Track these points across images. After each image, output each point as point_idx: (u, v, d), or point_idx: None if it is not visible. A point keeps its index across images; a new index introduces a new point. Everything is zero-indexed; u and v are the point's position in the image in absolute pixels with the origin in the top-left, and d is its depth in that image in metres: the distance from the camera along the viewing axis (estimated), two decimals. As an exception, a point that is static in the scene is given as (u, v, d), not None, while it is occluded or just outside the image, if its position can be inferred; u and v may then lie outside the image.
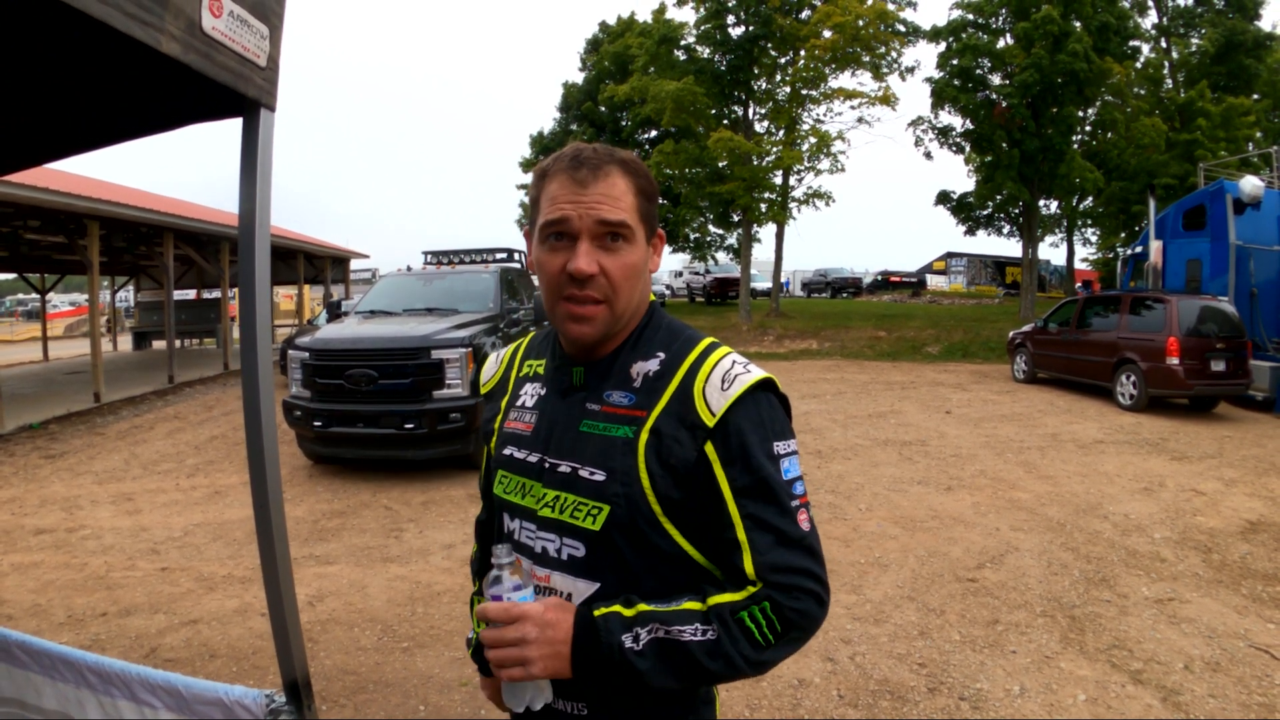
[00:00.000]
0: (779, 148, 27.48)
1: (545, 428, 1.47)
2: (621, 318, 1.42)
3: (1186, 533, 6.82)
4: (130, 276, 30.49)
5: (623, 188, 1.39)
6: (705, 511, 1.35)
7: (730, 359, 1.40)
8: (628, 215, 1.38)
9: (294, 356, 9.29)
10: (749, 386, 1.35)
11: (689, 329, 1.50)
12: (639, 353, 1.45)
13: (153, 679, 1.83)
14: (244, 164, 1.55)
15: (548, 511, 1.41)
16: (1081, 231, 39.43)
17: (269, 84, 1.54)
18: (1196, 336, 12.72)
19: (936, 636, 4.84)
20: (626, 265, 1.39)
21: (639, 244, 1.42)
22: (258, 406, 1.56)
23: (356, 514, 7.60)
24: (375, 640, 4.89)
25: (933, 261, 58.34)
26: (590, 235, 1.37)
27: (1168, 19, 31.78)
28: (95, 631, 5.08)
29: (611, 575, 1.36)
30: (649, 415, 1.37)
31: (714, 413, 1.33)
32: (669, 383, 1.39)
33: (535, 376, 1.57)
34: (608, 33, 38.26)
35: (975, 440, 10.66)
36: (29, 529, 7.33)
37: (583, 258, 1.36)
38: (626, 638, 1.27)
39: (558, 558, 1.40)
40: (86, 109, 1.90)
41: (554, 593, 1.39)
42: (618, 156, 1.42)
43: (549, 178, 1.42)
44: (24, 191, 12.06)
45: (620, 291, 1.39)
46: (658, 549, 1.36)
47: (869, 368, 20.27)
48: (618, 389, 1.42)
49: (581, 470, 1.38)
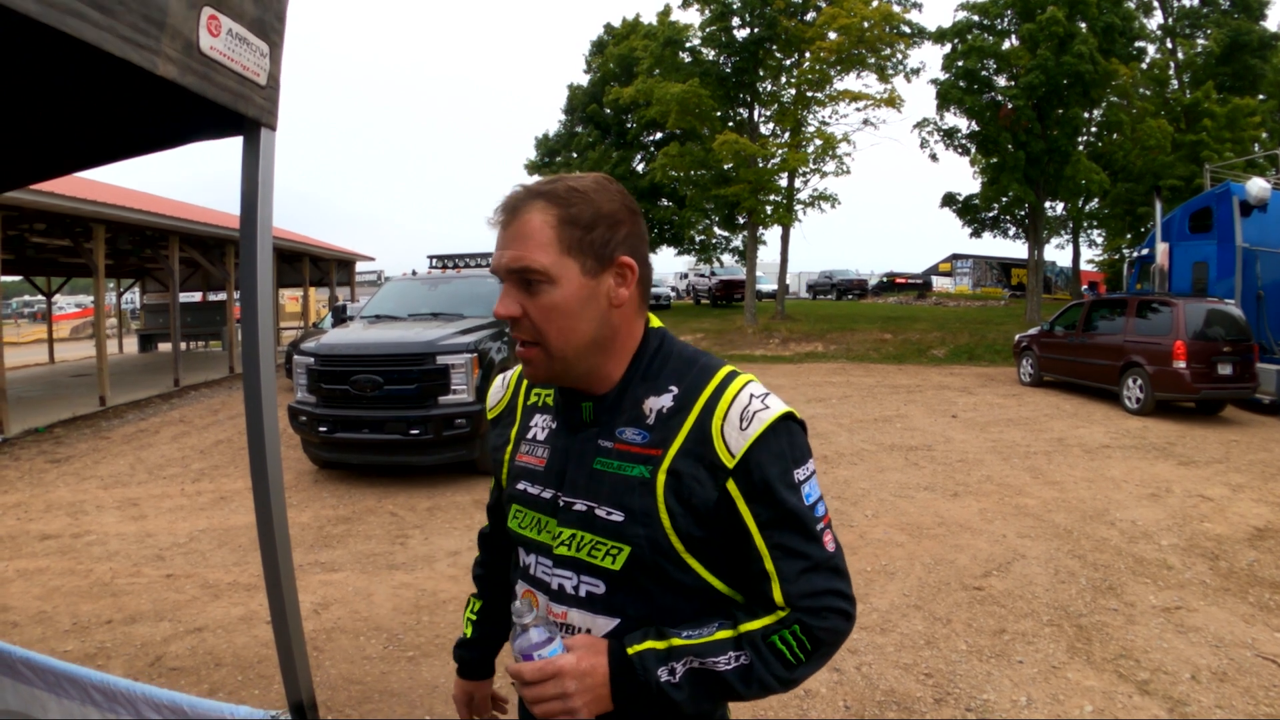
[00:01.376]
0: (784, 150, 27.47)
1: (558, 463, 1.44)
2: (567, 359, 1.36)
3: (1194, 539, 6.78)
4: (136, 279, 30.54)
5: (537, 224, 1.33)
6: (730, 545, 1.34)
7: (747, 393, 1.34)
8: (539, 254, 1.31)
9: (299, 362, 9.28)
10: (769, 425, 1.31)
11: (703, 356, 1.44)
12: (649, 385, 1.40)
13: (157, 698, 1.83)
14: (244, 184, 1.54)
15: (564, 550, 1.38)
16: (1087, 233, 39.33)
17: (269, 103, 1.53)
18: (1203, 340, 12.67)
19: (943, 646, 4.82)
20: (544, 307, 1.33)
21: (566, 281, 1.33)
22: (262, 433, 1.55)
23: (362, 520, 7.59)
24: (381, 649, 4.88)
25: (938, 263, 58.28)
26: (508, 279, 1.36)
27: (1173, 19, 31.78)
28: (100, 639, 5.06)
29: (633, 609, 1.35)
30: (665, 454, 1.33)
31: (734, 454, 1.30)
32: (684, 420, 1.34)
33: (545, 407, 1.53)
34: (613, 35, 38.26)
35: (981, 445, 10.63)
36: (34, 534, 7.33)
37: (500, 302, 1.36)
38: (662, 672, 1.27)
39: (575, 594, 1.38)
40: (85, 129, 1.90)
41: (572, 629, 1.37)
42: (543, 190, 1.36)
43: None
44: (30, 195, 12.08)
45: (547, 333, 1.34)
46: (680, 583, 1.35)
47: (875, 370, 20.24)
48: (630, 425, 1.38)
49: (598, 509, 1.35)
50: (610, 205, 1.37)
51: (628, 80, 31.76)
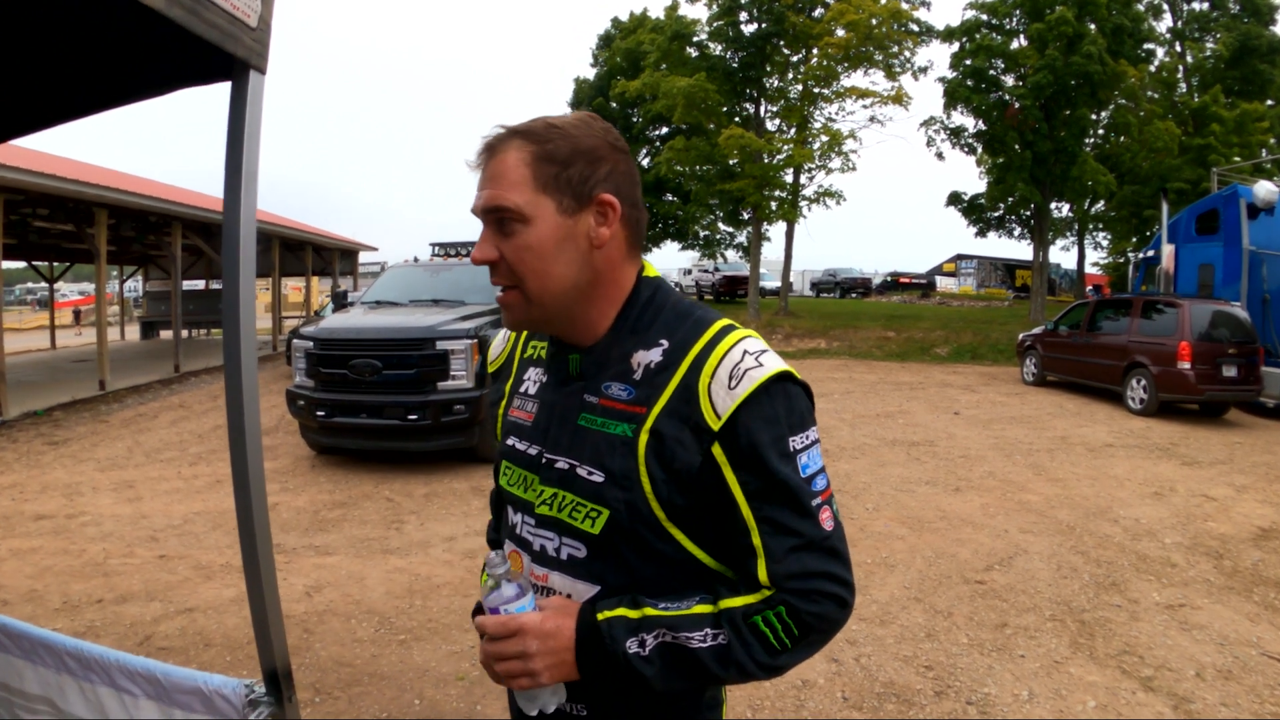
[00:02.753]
0: (790, 146, 27.34)
1: (544, 418, 1.37)
2: (545, 304, 1.29)
3: (1197, 538, 6.72)
4: (139, 266, 30.51)
5: (511, 162, 1.26)
6: (715, 516, 1.24)
7: (740, 349, 1.24)
8: (510, 192, 1.25)
9: (298, 346, 9.24)
10: (760, 384, 1.21)
11: (699, 308, 1.34)
12: (639, 338, 1.31)
13: (131, 665, 1.77)
14: (230, 131, 1.47)
15: (545, 509, 1.31)
16: (1092, 235, 39.19)
17: (259, 45, 1.45)
18: (1208, 341, 12.60)
19: (944, 639, 4.76)
20: (518, 248, 1.26)
21: (540, 220, 1.26)
22: (239, 377, 1.48)
23: (358, 505, 7.54)
24: (372, 632, 4.83)
25: (942, 263, 58.17)
26: (484, 221, 1.30)
27: (1182, 23, 31.66)
28: (90, 618, 5.02)
29: (613, 578, 1.26)
30: (649, 413, 1.24)
31: (719, 414, 1.20)
32: (671, 377, 1.25)
33: (538, 360, 1.46)
34: (620, 29, 38.20)
35: (984, 442, 10.57)
36: (29, 514, 7.29)
37: (477, 246, 1.31)
38: (632, 643, 1.19)
39: (557, 557, 1.30)
40: (64, 75, 1.83)
41: (553, 593, 1.30)
42: (520, 129, 1.30)
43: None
44: (32, 178, 12.04)
45: (526, 275, 1.27)
46: (662, 554, 1.26)
47: (877, 368, 20.17)
48: (617, 380, 1.29)
49: (579, 468, 1.27)
50: (591, 141, 1.30)
51: (634, 74, 31.66)
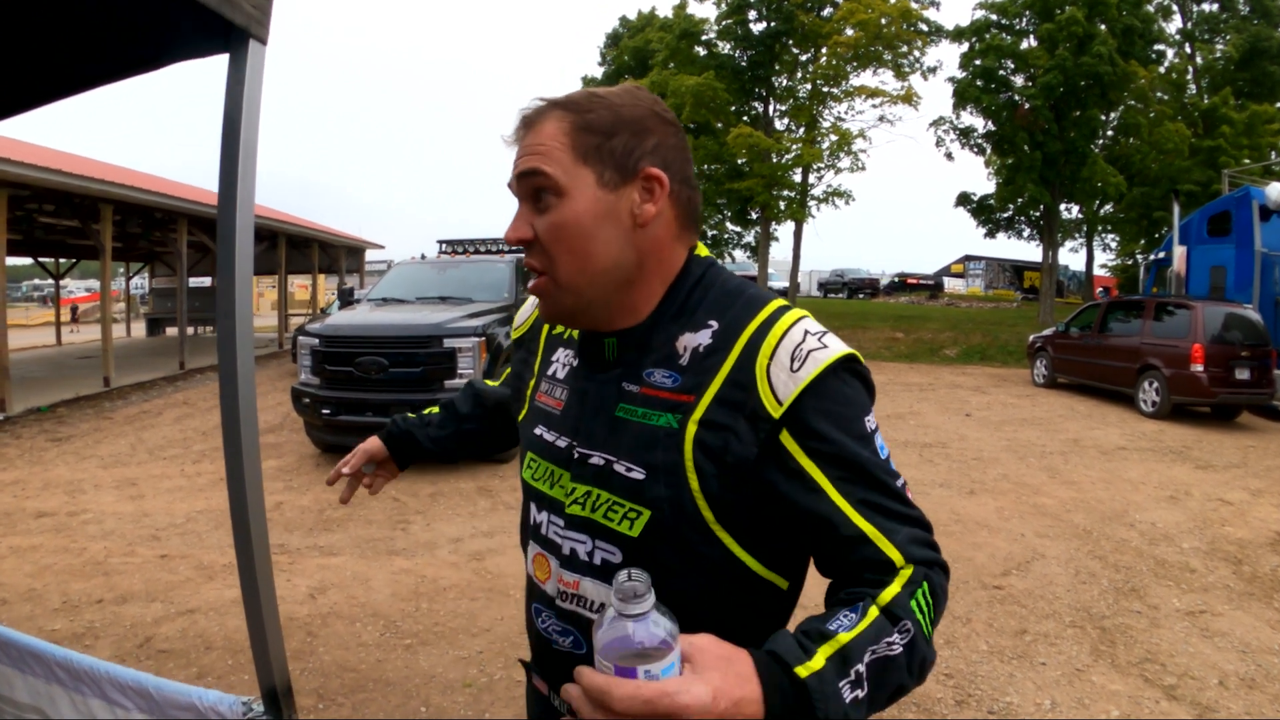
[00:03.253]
0: (799, 145, 27.26)
1: (576, 407, 1.24)
2: (580, 290, 1.17)
3: (1215, 543, 6.61)
4: (145, 262, 30.48)
5: (550, 131, 1.16)
6: (781, 513, 1.10)
7: (801, 328, 1.11)
8: (546, 162, 1.14)
9: (303, 343, 9.16)
10: (827, 366, 1.07)
11: (750, 288, 1.21)
12: (685, 321, 1.18)
13: (123, 679, 1.70)
14: (228, 107, 1.36)
15: (577, 509, 1.18)
16: (1101, 237, 39.07)
17: (260, 12, 1.35)
18: (1221, 344, 12.47)
19: (963, 646, 4.66)
20: (552, 224, 1.15)
21: (578, 194, 1.15)
22: (235, 377, 1.38)
23: (363, 504, 7.43)
24: (377, 636, 4.72)
25: (950, 264, 57.98)
26: (520, 196, 1.19)
27: (1192, 24, 31.51)
28: (90, 619, 4.92)
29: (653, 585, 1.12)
30: (698, 401, 1.11)
31: (781, 400, 1.06)
32: (723, 360, 1.11)
33: (569, 340, 1.33)
34: (628, 27, 38.03)
35: (996, 444, 10.46)
36: (30, 512, 7.20)
37: (511, 223, 1.19)
38: (846, 686, 0.91)
39: (589, 561, 1.17)
40: (52, 49, 1.72)
41: (584, 600, 1.17)
42: (561, 100, 1.19)
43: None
44: (36, 173, 11.97)
45: (557, 257, 1.16)
46: (705, 558, 1.12)
47: (886, 369, 20.04)
48: (660, 366, 1.16)
49: (617, 464, 1.14)
50: (636, 111, 1.19)
51: (642, 73, 31.53)
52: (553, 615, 1.22)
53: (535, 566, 1.27)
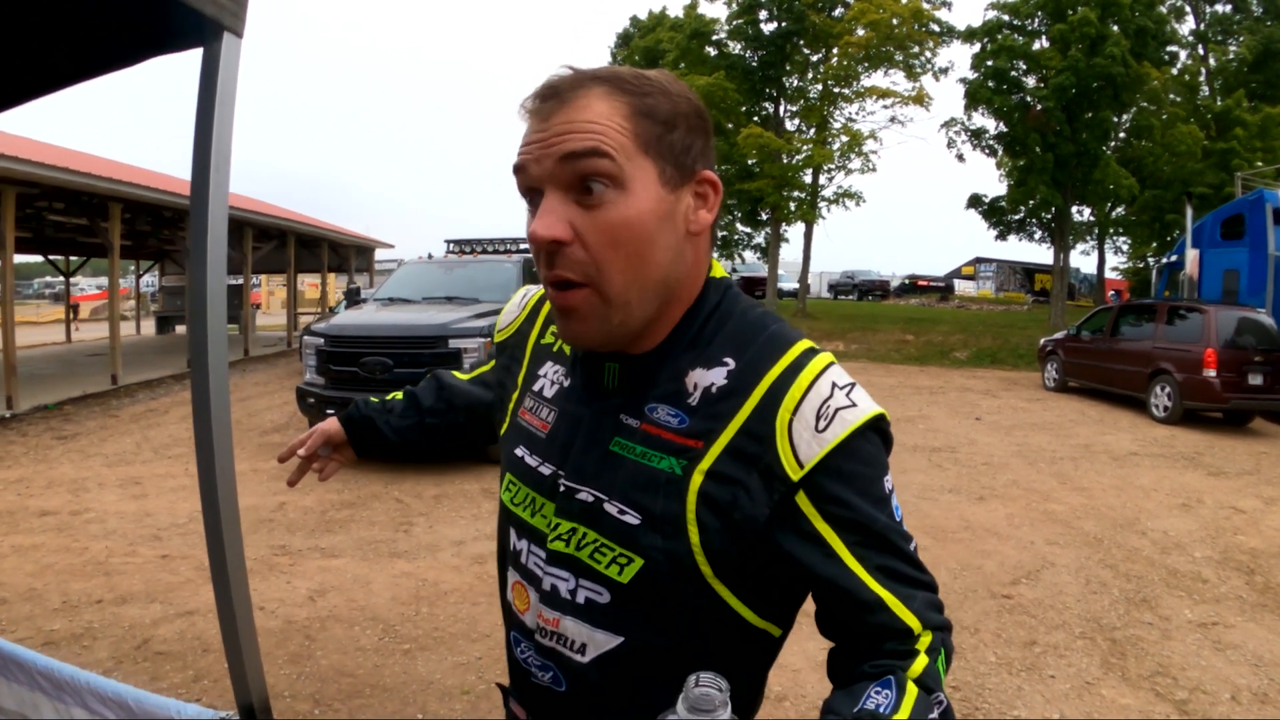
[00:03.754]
0: (809, 146, 27.22)
1: (565, 433, 1.12)
2: (627, 305, 1.00)
3: (1227, 552, 6.52)
4: (155, 261, 30.54)
5: (603, 110, 0.97)
6: (788, 573, 1.01)
7: (829, 380, 1.00)
8: (608, 144, 0.96)
9: (308, 342, 9.16)
10: (856, 429, 0.97)
11: (772, 321, 1.08)
12: (698, 353, 1.06)
13: (104, 690, 1.68)
14: (201, 103, 1.30)
15: (560, 545, 1.07)
16: (1113, 240, 38.92)
17: (234, 4, 1.29)
18: (1234, 348, 12.35)
19: (971, 657, 4.58)
20: (611, 225, 0.97)
21: (640, 189, 0.98)
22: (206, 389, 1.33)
23: (366, 506, 7.40)
24: (376, 640, 4.67)
25: (961, 266, 57.85)
26: (555, 184, 0.98)
27: (1205, 25, 31.35)
28: (89, 619, 4.89)
29: (640, 629, 1.03)
30: (707, 450, 0.99)
31: (803, 463, 0.96)
32: (739, 406, 1.00)
33: (559, 354, 1.21)
34: (639, 27, 37.99)
35: (1006, 448, 10.38)
36: (33, 510, 7.18)
37: (539, 218, 0.98)
38: None
39: (571, 600, 1.06)
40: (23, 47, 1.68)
41: (566, 640, 1.07)
42: (602, 75, 1.01)
43: (525, 119, 1.04)
44: (44, 171, 11.98)
45: (607, 264, 0.98)
46: (699, 607, 1.02)
47: (896, 371, 19.97)
48: (665, 402, 1.04)
49: (608, 504, 1.03)
50: (689, 105, 1.04)
51: (653, 72, 31.55)
52: (532, 649, 1.14)
53: (514, 595, 1.18)
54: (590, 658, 1.06)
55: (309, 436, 1.58)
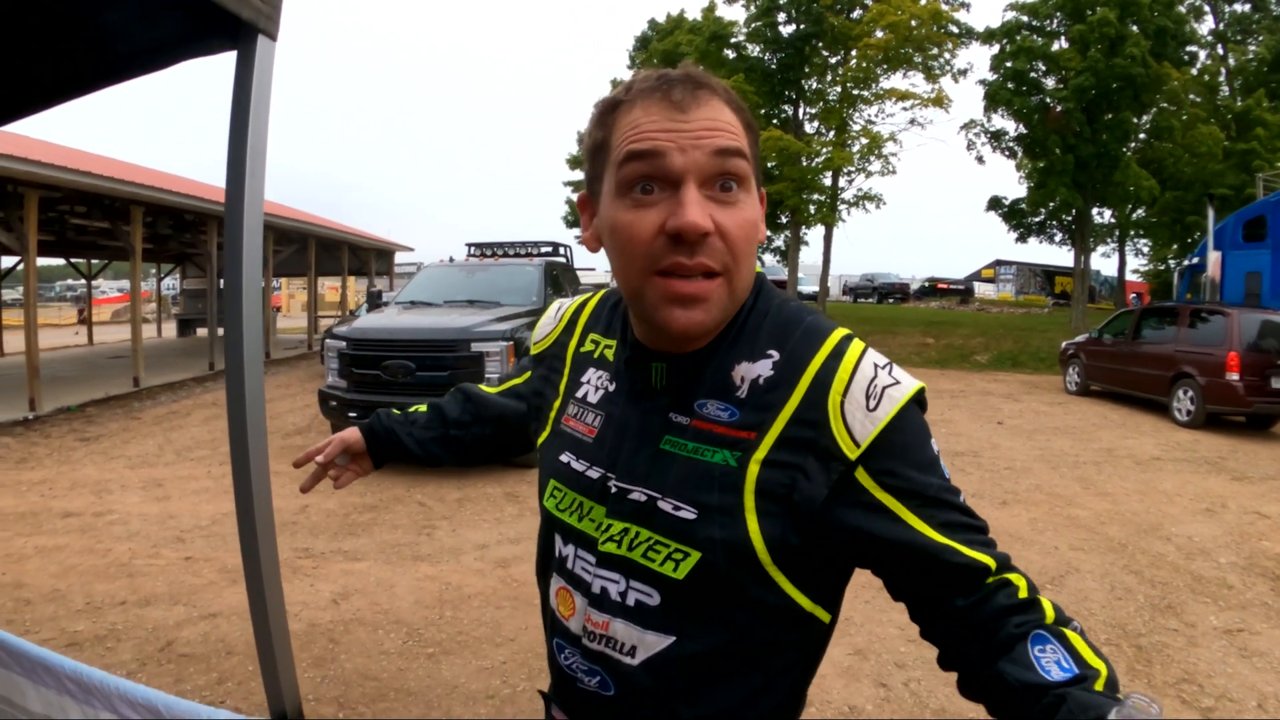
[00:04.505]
0: (829, 148, 27.16)
1: (612, 437, 1.15)
2: (740, 299, 1.08)
3: (1253, 558, 6.45)
4: (176, 264, 30.71)
5: (730, 119, 1.03)
6: (849, 551, 1.04)
7: (870, 362, 1.05)
8: (745, 147, 1.03)
9: (331, 346, 9.17)
10: (904, 404, 1.02)
11: (808, 314, 1.12)
12: (742, 349, 1.08)
13: (132, 695, 1.67)
14: (235, 104, 1.31)
15: (612, 547, 1.08)
16: (1134, 242, 38.69)
17: (269, 7, 1.29)
18: (1257, 351, 12.20)
19: (995, 663, 4.55)
20: (748, 222, 1.03)
21: (754, 195, 1.06)
22: (242, 382, 1.33)
23: (389, 509, 7.42)
24: (400, 644, 4.68)
25: (981, 269, 57.65)
26: (699, 176, 1.00)
27: (1224, 24, 31.13)
28: (113, 620, 4.92)
29: (693, 627, 1.05)
30: (760, 440, 1.02)
31: (859, 442, 0.99)
32: (789, 396, 1.03)
33: (601, 360, 1.23)
34: (657, 30, 38.00)
35: (1029, 453, 10.31)
36: (57, 511, 7.23)
37: (692, 208, 0.98)
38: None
39: (621, 602, 1.08)
40: (63, 49, 1.68)
41: (615, 643, 1.09)
42: (715, 84, 1.06)
43: (624, 107, 1.06)
44: (67, 175, 12.08)
45: (742, 259, 1.03)
46: (755, 599, 1.04)
47: (916, 375, 19.32)
48: (715, 398, 1.07)
49: (662, 502, 1.05)
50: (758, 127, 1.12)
51: (671, 76, 31.55)
52: (578, 654, 1.15)
53: (559, 601, 1.19)
54: (640, 660, 1.07)
55: (327, 444, 1.60)
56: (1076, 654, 0.92)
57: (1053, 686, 0.89)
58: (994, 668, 0.95)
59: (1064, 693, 0.88)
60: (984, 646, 0.98)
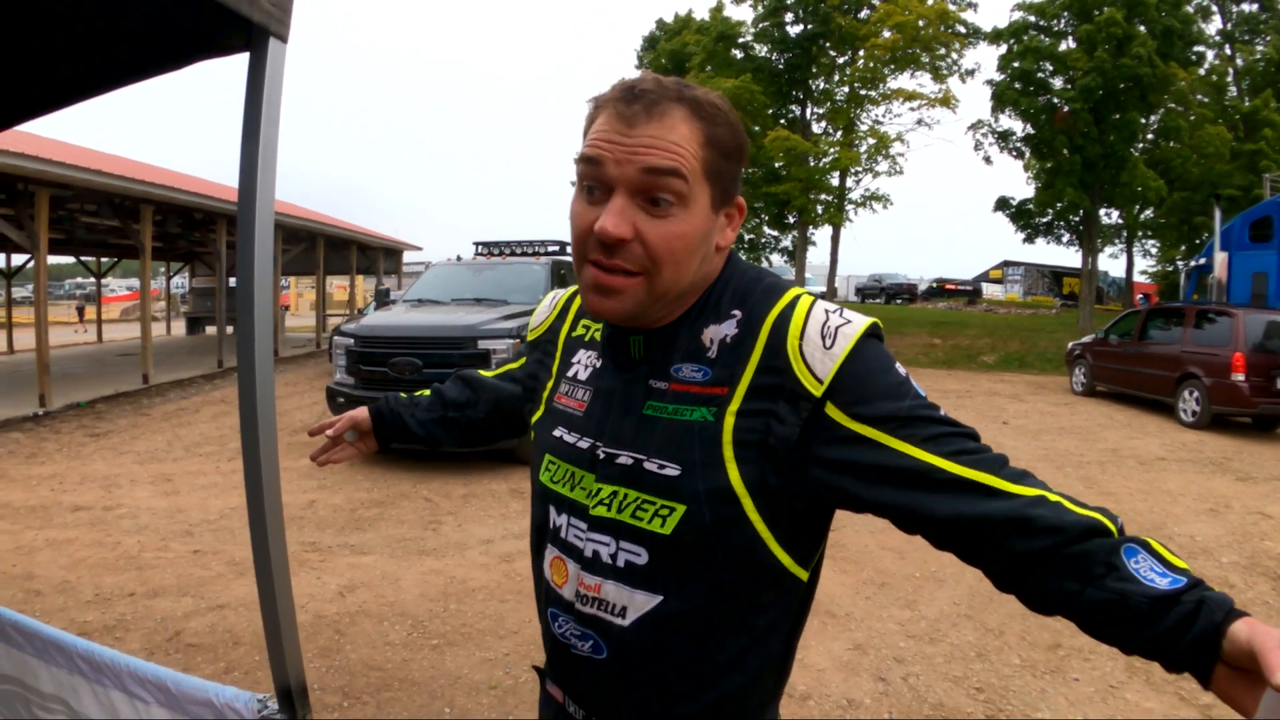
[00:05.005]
0: (836, 148, 27.13)
1: (600, 408, 1.22)
2: (665, 297, 1.13)
3: (1255, 558, 6.47)
4: (185, 262, 30.82)
5: (684, 134, 1.08)
6: (835, 487, 1.07)
7: (821, 308, 1.11)
8: (685, 166, 1.07)
9: (339, 343, 9.23)
10: (858, 338, 1.07)
11: (767, 275, 1.21)
12: (710, 313, 1.17)
13: (142, 672, 1.71)
14: (248, 106, 1.35)
15: (602, 510, 1.15)
16: (1141, 243, 38.54)
17: (280, 10, 1.34)
18: (1263, 352, 12.17)
19: (995, 659, 4.58)
20: (673, 235, 1.09)
21: (697, 209, 1.11)
22: (253, 379, 1.37)
23: (395, 504, 7.48)
24: (404, 636, 4.73)
25: (989, 270, 57.49)
26: (629, 188, 1.08)
27: (1232, 25, 31.00)
28: (121, 611, 4.98)
29: (679, 585, 1.11)
30: (733, 393, 1.09)
31: (821, 379, 1.05)
32: (752, 348, 1.11)
33: (591, 342, 1.31)
34: (665, 30, 38.00)
35: (1034, 453, 10.33)
36: (66, 505, 7.31)
37: (610, 216, 1.07)
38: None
39: (611, 564, 1.14)
40: (73, 50, 1.73)
41: (606, 604, 1.15)
42: (687, 94, 1.11)
43: (597, 110, 1.14)
44: (77, 174, 12.15)
45: (663, 265, 1.09)
46: (735, 551, 1.10)
47: (923, 375, 19.84)
48: (689, 360, 1.15)
49: (648, 463, 1.12)
50: (743, 135, 1.17)
51: (680, 75, 31.47)
52: (572, 619, 1.20)
53: (552, 570, 1.24)
54: (631, 620, 1.13)
55: (339, 420, 1.72)
56: (1167, 561, 0.98)
57: (1181, 592, 0.93)
58: (1101, 587, 0.98)
59: (1200, 596, 0.93)
60: (1058, 570, 1.02)
